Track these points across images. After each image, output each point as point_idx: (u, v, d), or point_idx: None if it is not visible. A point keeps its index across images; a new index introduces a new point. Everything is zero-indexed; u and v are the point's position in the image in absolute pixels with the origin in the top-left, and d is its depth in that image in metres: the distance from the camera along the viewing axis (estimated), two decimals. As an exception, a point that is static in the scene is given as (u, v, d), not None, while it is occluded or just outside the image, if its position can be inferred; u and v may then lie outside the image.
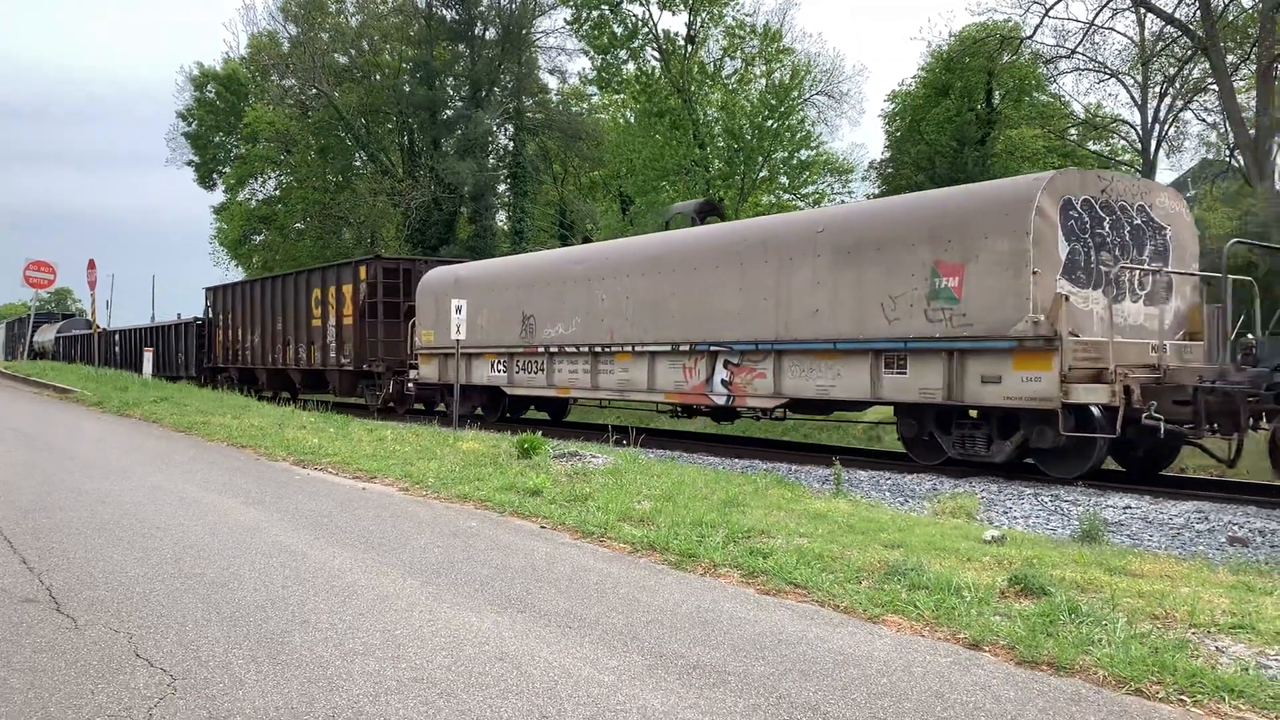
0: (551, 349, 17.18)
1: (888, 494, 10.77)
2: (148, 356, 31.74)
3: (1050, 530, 8.74)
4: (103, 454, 12.72)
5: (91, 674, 4.33)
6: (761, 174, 38.99)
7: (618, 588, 5.83)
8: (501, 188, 45.95)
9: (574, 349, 16.70)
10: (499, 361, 18.60)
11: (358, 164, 46.69)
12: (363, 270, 23.07)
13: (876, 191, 39.11)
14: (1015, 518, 9.40)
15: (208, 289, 32.91)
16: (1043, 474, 11.43)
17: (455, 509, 8.60)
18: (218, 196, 53.66)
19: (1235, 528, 8.65)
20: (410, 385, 21.18)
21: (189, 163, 53.03)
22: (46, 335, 52.36)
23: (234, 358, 30.02)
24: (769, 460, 13.59)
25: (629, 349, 15.59)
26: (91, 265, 29.27)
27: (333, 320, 23.91)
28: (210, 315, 32.17)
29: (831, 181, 40.38)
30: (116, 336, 41.59)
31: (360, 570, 6.24)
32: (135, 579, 5.99)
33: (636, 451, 12.32)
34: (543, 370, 17.55)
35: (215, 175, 52.77)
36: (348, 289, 23.30)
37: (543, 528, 7.70)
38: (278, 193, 48.32)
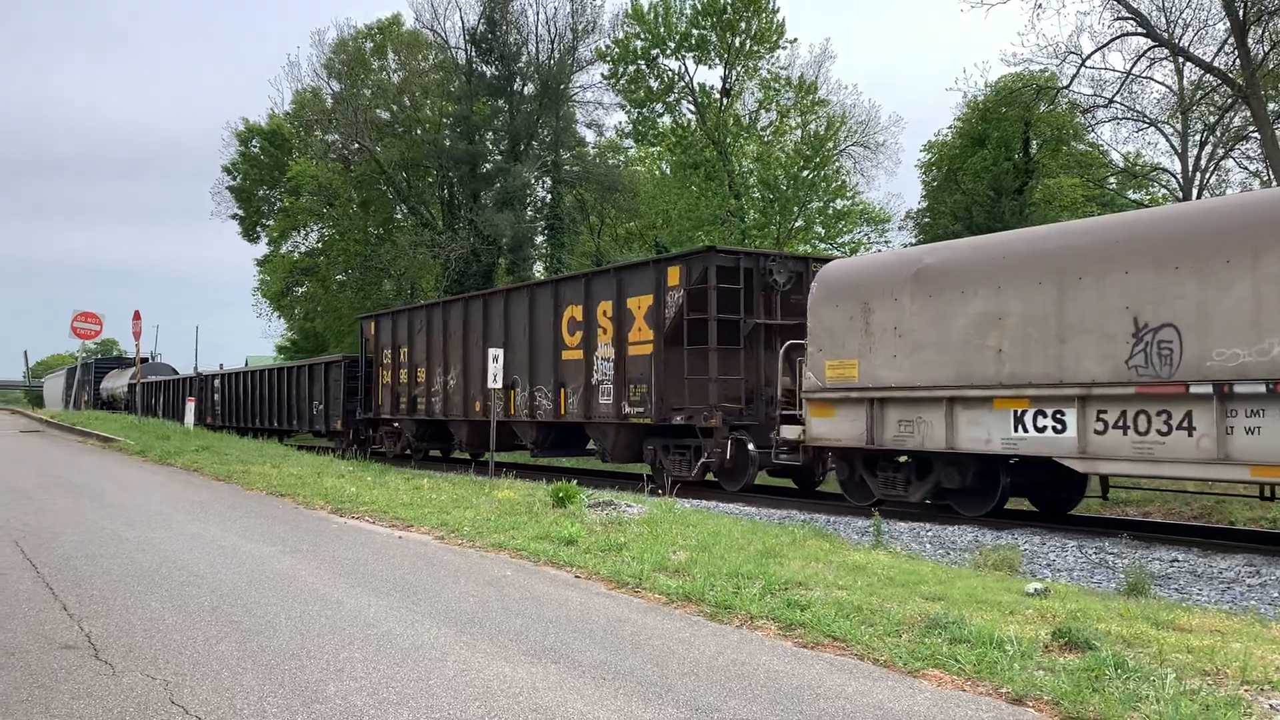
0: (1232, 386, 9.16)
1: (928, 546, 10.61)
2: (190, 406, 32.27)
3: (1095, 583, 8.56)
4: (144, 502, 12.86)
5: (127, 721, 4.35)
6: (797, 224, 39.10)
7: (652, 639, 5.77)
8: (539, 239, 46.47)
9: None
10: (1044, 413, 10.71)
11: (398, 216, 47.46)
12: (673, 273, 15.73)
13: (913, 240, 39.05)
14: (1059, 570, 9.22)
15: (364, 318, 26.81)
16: (1088, 525, 10.87)
17: (490, 558, 8.59)
18: (261, 249, 54.83)
19: (1288, 582, 8.41)
20: (752, 448, 14.96)
21: (234, 216, 54.28)
22: (118, 381, 49.49)
23: (410, 406, 23.09)
24: (806, 511, 13.44)
25: None
26: (137, 316, 30.01)
27: (606, 350, 17.01)
28: (370, 352, 25.34)
29: (868, 231, 40.46)
30: (217, 382, 35.71)
31: (395, 619, 6.23)
32: (173, 626, 6.03)
33: (672, 501, 12.24)
34: (1189, 428, 9.51)
35: (259, 228, 53.87)
36: (639, 302, 16.38)
37: (577, 577, 7.65)
38: (320, 245, 49.20)
